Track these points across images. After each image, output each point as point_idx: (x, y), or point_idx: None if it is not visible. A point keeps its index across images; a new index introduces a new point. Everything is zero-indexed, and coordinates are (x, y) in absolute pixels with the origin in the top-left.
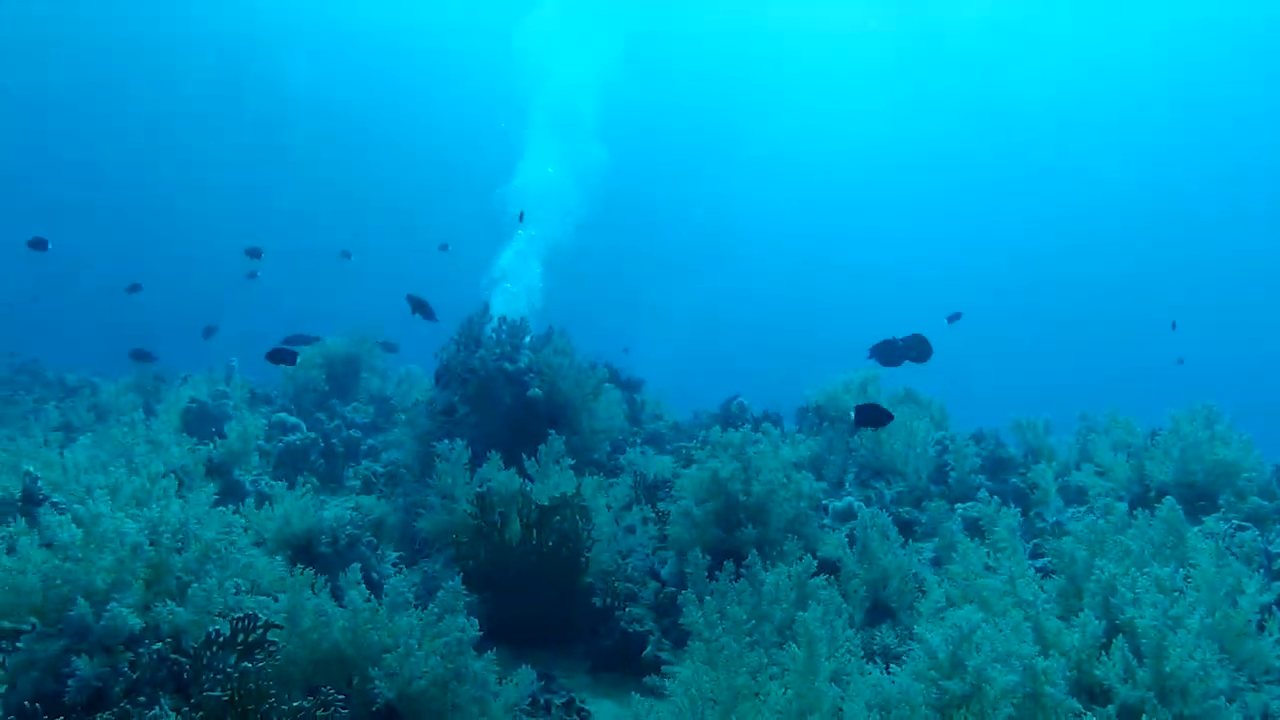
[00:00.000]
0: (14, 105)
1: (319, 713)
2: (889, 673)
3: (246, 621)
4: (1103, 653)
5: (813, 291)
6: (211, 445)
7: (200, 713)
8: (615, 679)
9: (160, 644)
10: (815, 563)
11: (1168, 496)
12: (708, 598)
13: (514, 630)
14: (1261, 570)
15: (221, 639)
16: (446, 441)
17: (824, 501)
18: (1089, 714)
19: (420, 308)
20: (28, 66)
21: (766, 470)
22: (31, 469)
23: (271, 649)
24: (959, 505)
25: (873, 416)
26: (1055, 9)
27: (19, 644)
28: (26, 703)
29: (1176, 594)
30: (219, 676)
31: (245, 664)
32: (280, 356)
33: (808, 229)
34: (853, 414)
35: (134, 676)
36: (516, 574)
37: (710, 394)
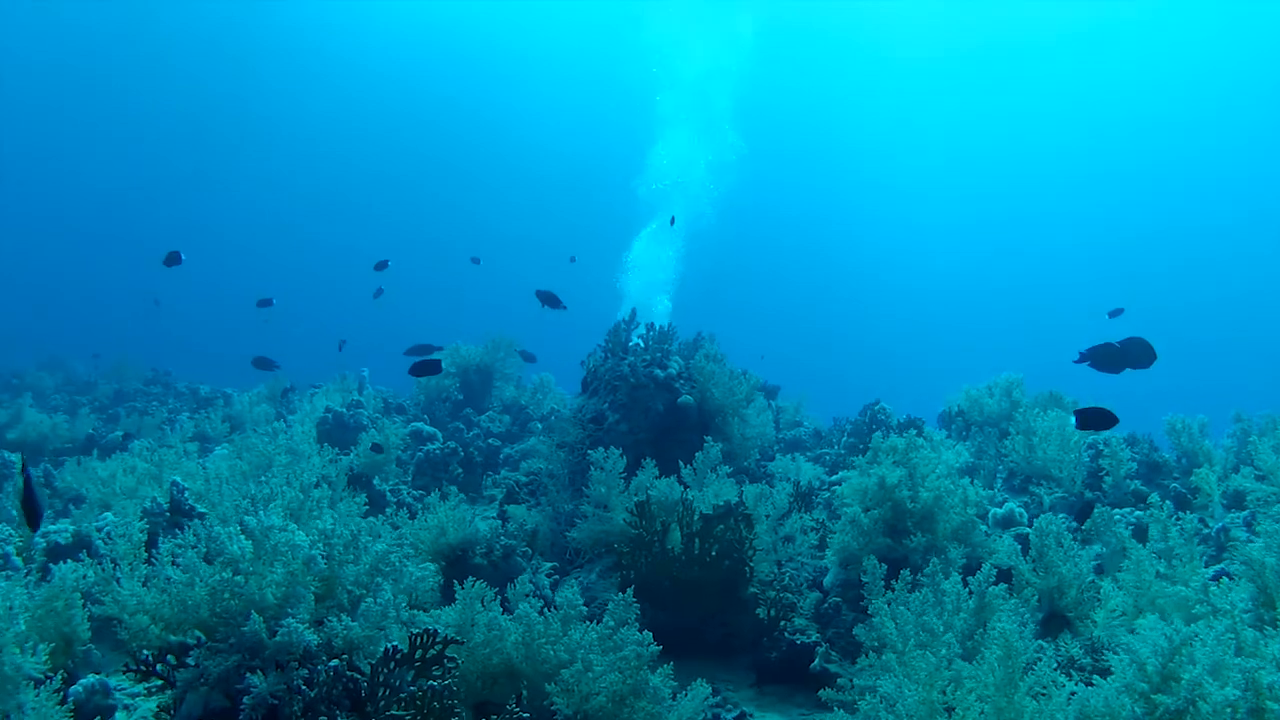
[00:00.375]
0: (143, 124)
1: None
2: (1084, 686)
3: (425, 637)
4: None
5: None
6: (352, 455)
7: None
8: (782, 692)
9: (336, 660)
10: (995, 571)
11: None
12: (901, 608)
13: (673, 641)
14: None
15: (399, 655)
16: (601, 450)
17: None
18: None
19: (549, 300)
20: (159, 86)
21: (933, 476)
22: (178, 479)
23: (450, 665)
24: (1116, 511)
25: (1097, 419)
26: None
27: (187, 659)
28: None
29: None
30: (402, 695)
31: (431, 683)
32: (424, 368)
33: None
34: (1073, 418)
35: (311, 694)
36: (677, 584)
37: (828, 400)
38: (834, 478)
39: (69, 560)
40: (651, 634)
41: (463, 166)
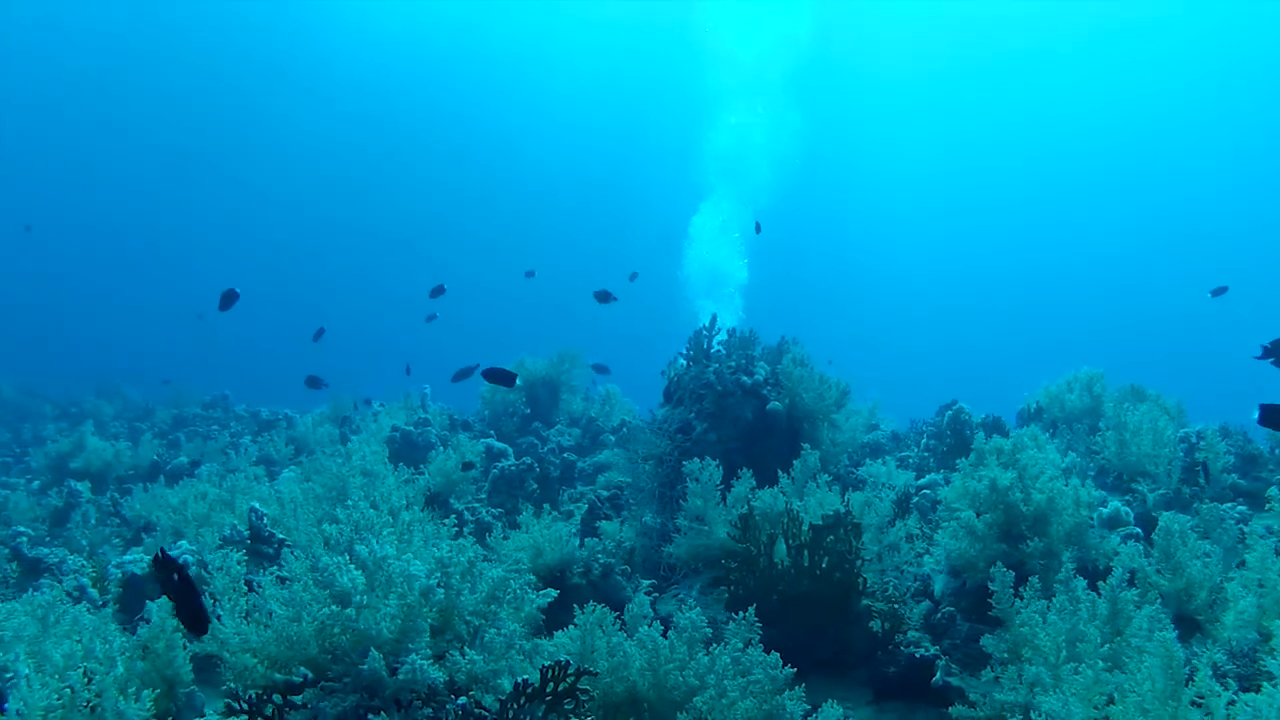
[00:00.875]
0: (188, 147)
1: None
2: (1242, 695)
3: (556, 669)
4: None
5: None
6: (426, 474)
7: None
8: (901, 708)
9: (464, 698)
10: (1128, 575)
11: None
12: (1052, 617)
13: (784, 658)
14: None
15: (530, 689)
16: (696, 461)
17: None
18: None
19: (604, 298)
20: (221, 122)
21: (1044, 478)
22: (256, 505)
23: (584, 699)
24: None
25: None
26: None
27: (296, 698)
28: None
29: None
30: None
31: (557, 718)
32: (498, 376)
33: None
34: (1256, 413)
35: None
36: (785, 599)
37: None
38: (922, 481)
39: (146, 592)
40: (779, 655)
41: (512, 181)
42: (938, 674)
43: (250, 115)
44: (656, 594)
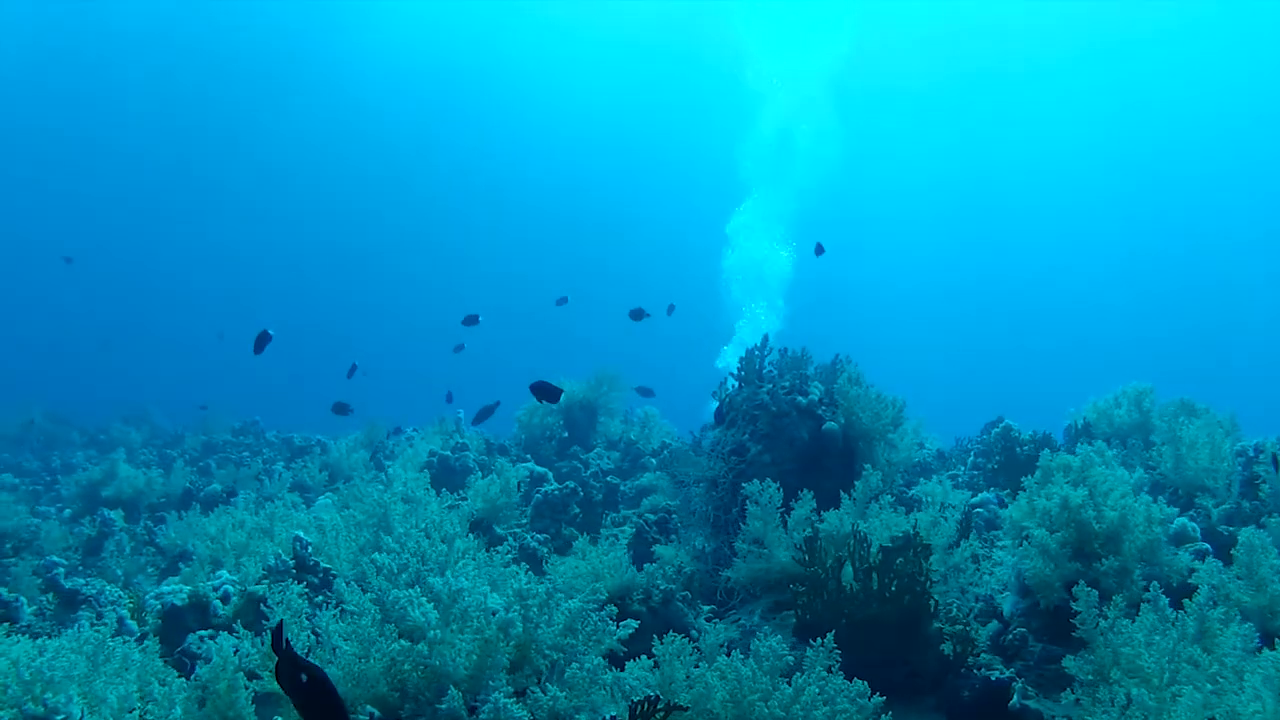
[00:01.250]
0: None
1: None
2: None
3: (646, 705)
4: None
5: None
6: (468, 500)
7: None
8: None
9: None
10: (1213, 593)
11: None
12: (1157, 637)
13: None
14: None
15: None
16: (756, 483)
17: None
18: None
19: (638, 315)
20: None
21: (1114, 494)
22: (301, 535)
23: None
24: None
25: None
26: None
27: None
28: None
29: None
30: None
31: None
32: (544, 391)
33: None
34: None
35: None
36: (853, 622)
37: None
38: (975, 500)
39: (186, 623)
40: (866, 684)
41: (543, 210)
42: (1015, 697)
43: (280, 143)
44: (717, 620)
